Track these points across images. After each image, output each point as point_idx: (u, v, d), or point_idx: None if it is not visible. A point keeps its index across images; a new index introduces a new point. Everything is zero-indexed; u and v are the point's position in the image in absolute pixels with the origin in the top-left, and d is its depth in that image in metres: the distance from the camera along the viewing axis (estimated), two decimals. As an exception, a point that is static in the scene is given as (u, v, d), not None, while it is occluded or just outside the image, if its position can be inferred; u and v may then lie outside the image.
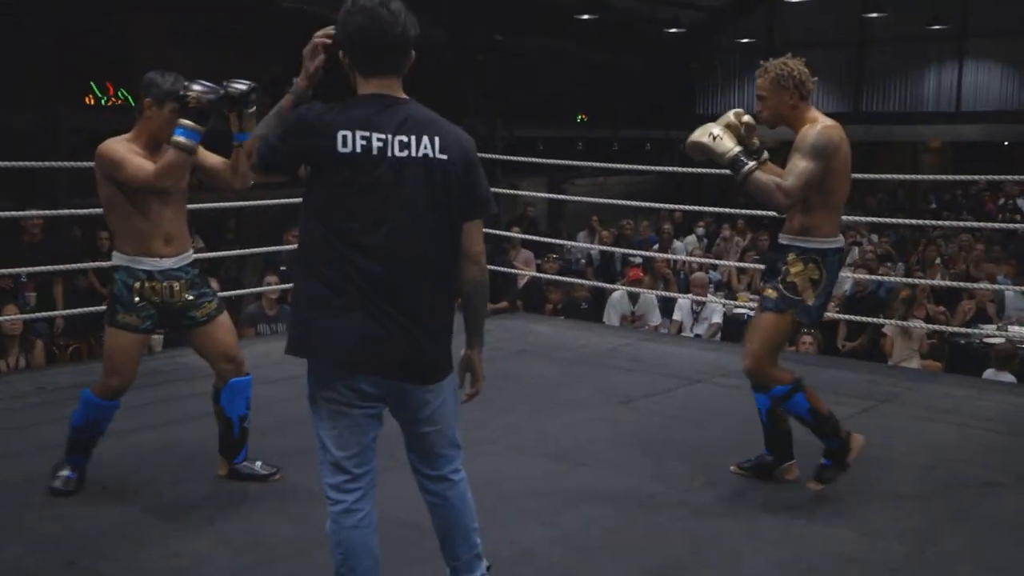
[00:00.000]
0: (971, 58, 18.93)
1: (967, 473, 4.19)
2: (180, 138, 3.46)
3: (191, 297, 3.77)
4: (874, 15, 18.32)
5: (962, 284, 7.91)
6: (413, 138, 2.49)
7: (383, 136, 2.46)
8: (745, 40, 20.54)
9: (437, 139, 2.50)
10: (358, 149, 2.45)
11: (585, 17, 17.80)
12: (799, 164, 3.59)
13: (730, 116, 3.75)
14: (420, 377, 2.56)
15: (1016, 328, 7.79)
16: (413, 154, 2.48)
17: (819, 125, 3.65)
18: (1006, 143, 20.06)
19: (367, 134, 2.46)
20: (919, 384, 5.84)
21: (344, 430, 2.54)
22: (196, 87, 3.46)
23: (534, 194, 15.36)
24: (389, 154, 2.47)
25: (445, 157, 2.51)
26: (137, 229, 3.65)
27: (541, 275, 9.65)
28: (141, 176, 3.54)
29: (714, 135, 3.66)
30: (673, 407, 5.23)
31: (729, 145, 3.64)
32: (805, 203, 3.68)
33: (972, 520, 3.72)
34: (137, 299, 3.68)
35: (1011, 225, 11.39)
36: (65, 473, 3.77)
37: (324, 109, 2.51)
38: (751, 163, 3.62)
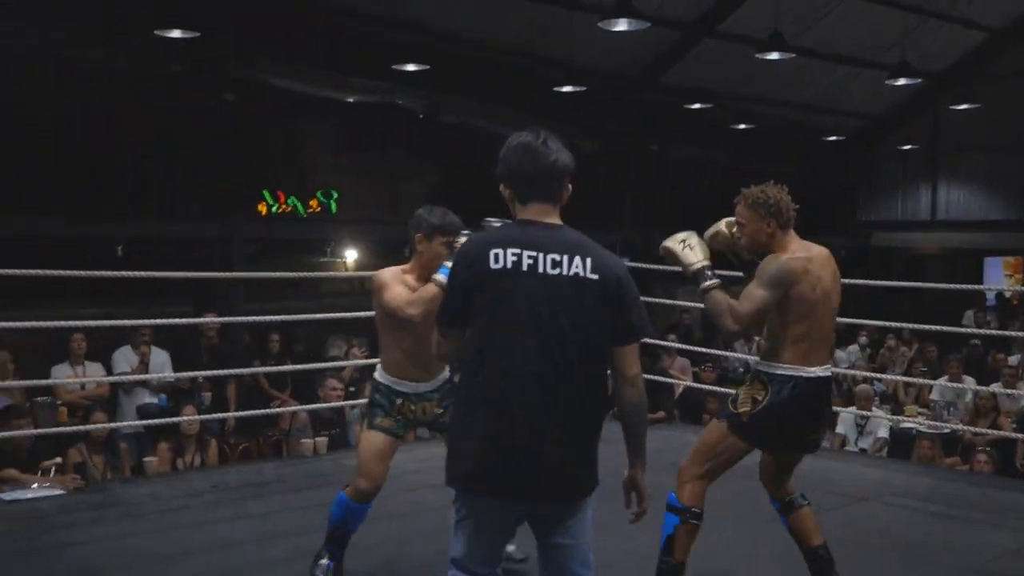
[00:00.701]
0: None
1: None
2: (440, 276, 3.67)
3: (440, 411, 3.99)
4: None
5: None
6: (565, 257, 2.56)
7: (533, 254, 2.55)
8: (907, 147, 20.13)
9: (589, 260, 2.57)
10: (508, 265, 2.54)
11: (742, 127, 17.82)
12: (754, 291, 3.63)
13: (721, 225, 3.86)
14: (561, 492, 2.61)
15: None
16: (564, 272, 2.55)
17: (784, 256, 3.64)
18: None
19: (518, 251, 2.55)
20: None
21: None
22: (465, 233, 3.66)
23: (688, 303, 15.26)
24: (540, 270, 2.54)
25: (596, 277, 2.56)
26: (400, 353, 3.91)
27: (697, 384, 9.53)
28: (395, 303, 3.79)
29: (685, 243, 3.78)
30: (833, 525, 5.03)
31: (695, 257, 3.75)
32: (768, 329, 3.71)
33: None
34: (395, 412, 3.95)
35: None
36: (325, 562, 4.00)
37: (479, 238, 2.66)
38: (713, 280, 3.71)
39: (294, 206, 14.33)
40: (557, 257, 2.56)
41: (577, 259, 2.57)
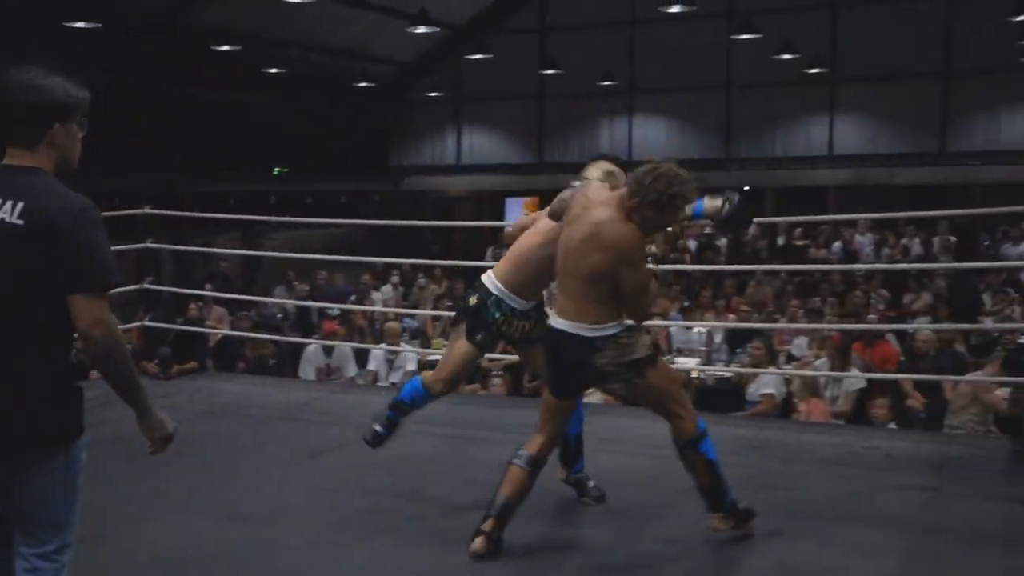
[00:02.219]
0: (640, 112, 20.48)
1: (634, 499, 4.47)
2: None
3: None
4: (551, 72, 19.44)
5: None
6: (9, 203, 2.41)
7: None
8: (434, 95, 21.17)
9: (21, 205, 2.42)
10: None
11: (273, 71, 17.69)
12: None
13: None
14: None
15: (682, 360, 8.44)
16: (5, 219, 2.41)
17: None
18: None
19: None
20: (594, 417, 6.17)
21: None
22: None
23: (228, 251, 15.00)
24: None
25: (21, 223, 2.41)
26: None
27: (233, 332, 9.40)
28: None
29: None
30: (361, 457, 5.23)
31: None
32: None
33: (640, 542, 3.98)
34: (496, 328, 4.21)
35: (680, 266, 12.33)
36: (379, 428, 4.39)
37: None
38: None
39: None
40: (1, 202, 2.42)
41: (9, 204, 2.42)
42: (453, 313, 4.59)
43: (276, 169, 20.74)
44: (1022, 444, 4.66)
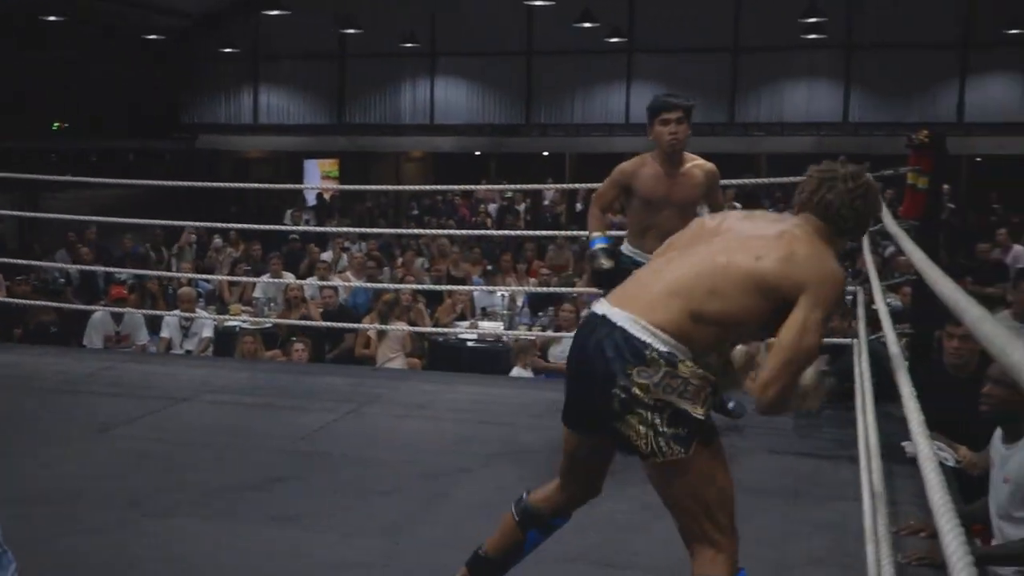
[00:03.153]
0: (441, 75, 20.41)
1: (441, 463, 4.47)
2: None
3: None
4: (351, 31, 19.06)
5: (439, 287, 8.51)
6: None
7: None
8: (229, 51, 20.39)
9: None
10: None
11: (52, 19, 16.56)
12: None
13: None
14: None
15: (486, 323, 8.51)
16: None
17: None
18: (477, 153, 21.91)
19: None
20: (399, 383, 6.15)
21: None
22: None
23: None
24: None
25: None
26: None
27: (9, 300, 8.79)
28: None
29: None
30: (157, 431, 5.00)
31: None
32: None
33: (447, 506, 3.98)
34: None
35: (484, 232, 12.46)
36: None
37: None
38: None
39: None
40: None
41: None
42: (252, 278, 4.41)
43: (55, 124, 19.48)
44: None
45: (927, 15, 17.36)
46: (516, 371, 7.33)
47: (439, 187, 16.40)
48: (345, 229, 12.88)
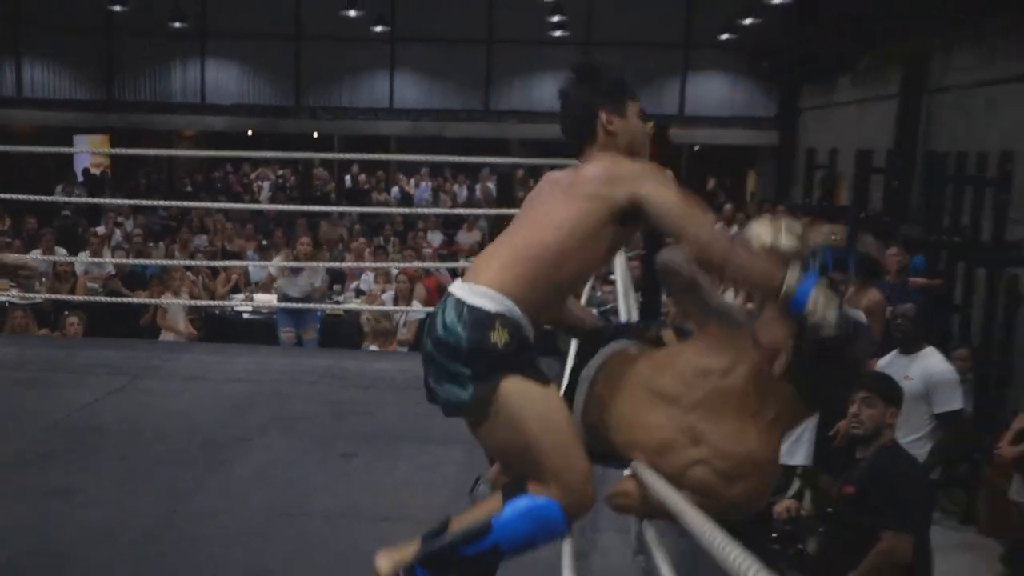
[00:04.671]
0: (212, 56, 19.49)
1: (218, 433, 4.31)
2: None
3: None
4: (118, 8, 17.80)
5: (218, 263, 8.17)
6: None
7: None
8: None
9: None
10: None
11: None
12: None
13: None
14: None
15: (260, 296, 8.26)
16: None
17: None
18: (250, 133, 21.11)
19: None
20: (176, 355, 5.87)
21: None
22: None
23: None
24: None
25: None
26: None
27: None
28: None
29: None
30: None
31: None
32: None
33: (224, 475, 3.85)
34: None
35: (257, 206, 12.05)
36: None
37: None
38: None
39: None
40: None
41: None
42: (19, 256, 4.07)
43: None
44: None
45: (655, 19, 18.26)
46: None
47: (220, 152, 15.92)
48: (119, 201, 12.17)
